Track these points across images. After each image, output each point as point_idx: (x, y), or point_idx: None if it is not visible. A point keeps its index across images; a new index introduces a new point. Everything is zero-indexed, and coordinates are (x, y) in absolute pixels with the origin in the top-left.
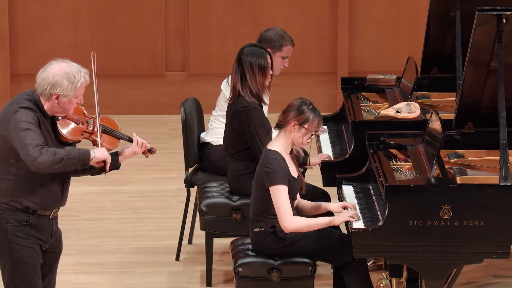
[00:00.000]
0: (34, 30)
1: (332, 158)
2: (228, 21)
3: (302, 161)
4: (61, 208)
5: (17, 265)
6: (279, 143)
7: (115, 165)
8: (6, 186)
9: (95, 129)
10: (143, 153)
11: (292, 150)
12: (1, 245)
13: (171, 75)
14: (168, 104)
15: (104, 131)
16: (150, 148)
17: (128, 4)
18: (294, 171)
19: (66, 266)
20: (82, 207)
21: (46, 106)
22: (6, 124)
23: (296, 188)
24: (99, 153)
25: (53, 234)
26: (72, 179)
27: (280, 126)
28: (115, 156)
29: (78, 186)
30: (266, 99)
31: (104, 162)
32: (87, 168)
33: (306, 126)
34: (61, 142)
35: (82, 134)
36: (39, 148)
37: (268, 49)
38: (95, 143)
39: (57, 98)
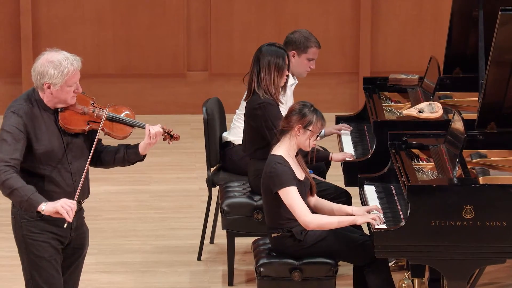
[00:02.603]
0: (57, 30)
1: (354, 158)
2: (250, 21)
3: (323, 156)
4: (83, 207)
5: (34, 260)
6: (283, 148)
7: (138, 158)
8: None
9: (103, 119)
10: (165, 140)
11: (297, 153)
12: (19, 242)
13: (193, 75)
14: (190, 103)
15: (113, 119)
16: (171, 134)
17: (151, 4)
18: (299, 174)
19: (88, 266)
20: (105, 207)
21: (45, 98)
22: None
23: (303, 190)
24: (49, 207)
25: (73, 229)
26: (95, 178)
27: (284, 132)
28: (135, 148)
29: (101, 186)
30: (282, 99)
31: (66, 212)
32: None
33: (310, 128)
34: (66, 133)
35: (88, 124)
36: (0, 165)
37: (293, 51)
38: (105, 133)
39: (48, 87)
